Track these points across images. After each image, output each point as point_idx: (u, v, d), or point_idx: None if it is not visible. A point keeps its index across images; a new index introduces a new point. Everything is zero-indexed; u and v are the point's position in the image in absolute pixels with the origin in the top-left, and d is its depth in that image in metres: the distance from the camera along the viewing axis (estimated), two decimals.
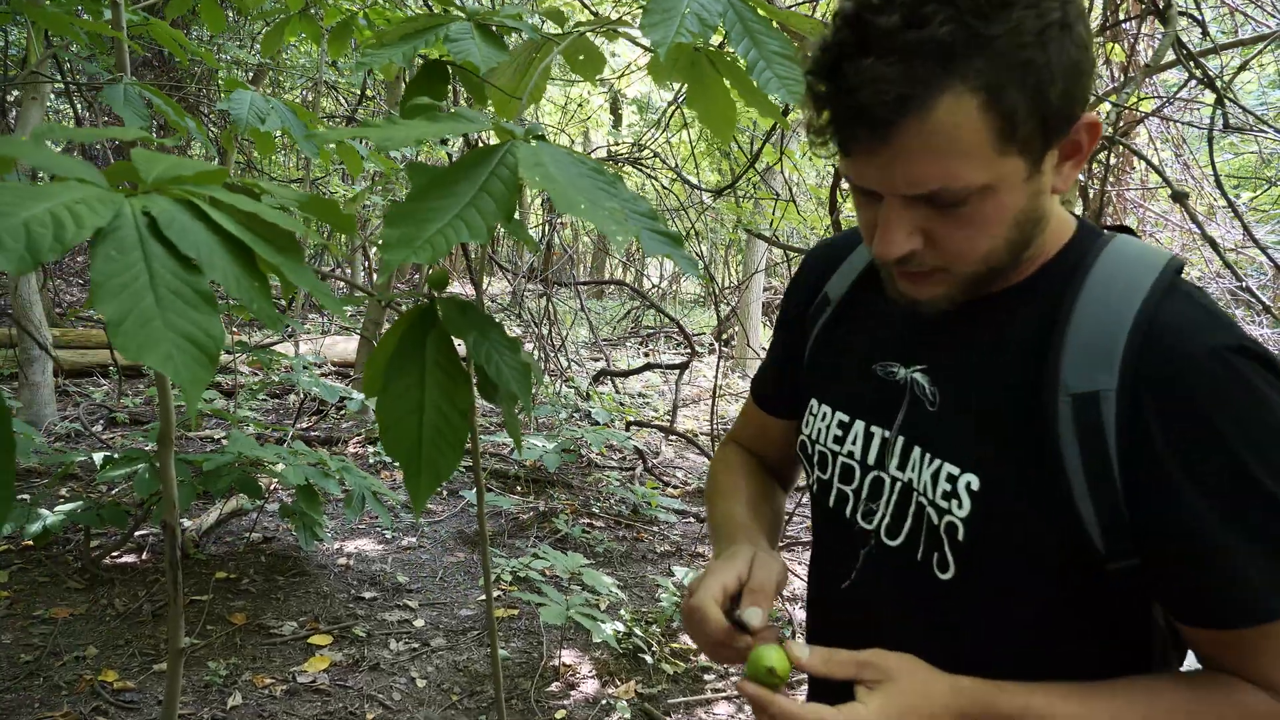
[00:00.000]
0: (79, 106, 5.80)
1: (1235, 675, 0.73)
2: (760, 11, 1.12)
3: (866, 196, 0.75)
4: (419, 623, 3.30)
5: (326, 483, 3.26)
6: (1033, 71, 0.65)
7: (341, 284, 8.95)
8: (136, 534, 3.59)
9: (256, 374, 6.18)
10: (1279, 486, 0.68)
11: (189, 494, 3.10)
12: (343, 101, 7.58)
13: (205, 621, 3.11)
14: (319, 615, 3.27)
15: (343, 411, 5.47)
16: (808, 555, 1.25)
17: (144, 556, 3.53)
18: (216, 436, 5.00)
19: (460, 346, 0.88)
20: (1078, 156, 0.73)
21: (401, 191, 6.05)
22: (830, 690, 0.79)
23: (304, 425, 5.15)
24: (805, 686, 1.01)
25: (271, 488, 3.79)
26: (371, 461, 4.99)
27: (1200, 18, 2.64)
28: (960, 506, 0.77)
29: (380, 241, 0.72)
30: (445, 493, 4.75)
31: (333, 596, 3.43)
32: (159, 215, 0.50)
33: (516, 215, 0.90)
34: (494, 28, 1.30)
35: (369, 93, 5.97)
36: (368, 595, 3.47)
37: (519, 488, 4.89)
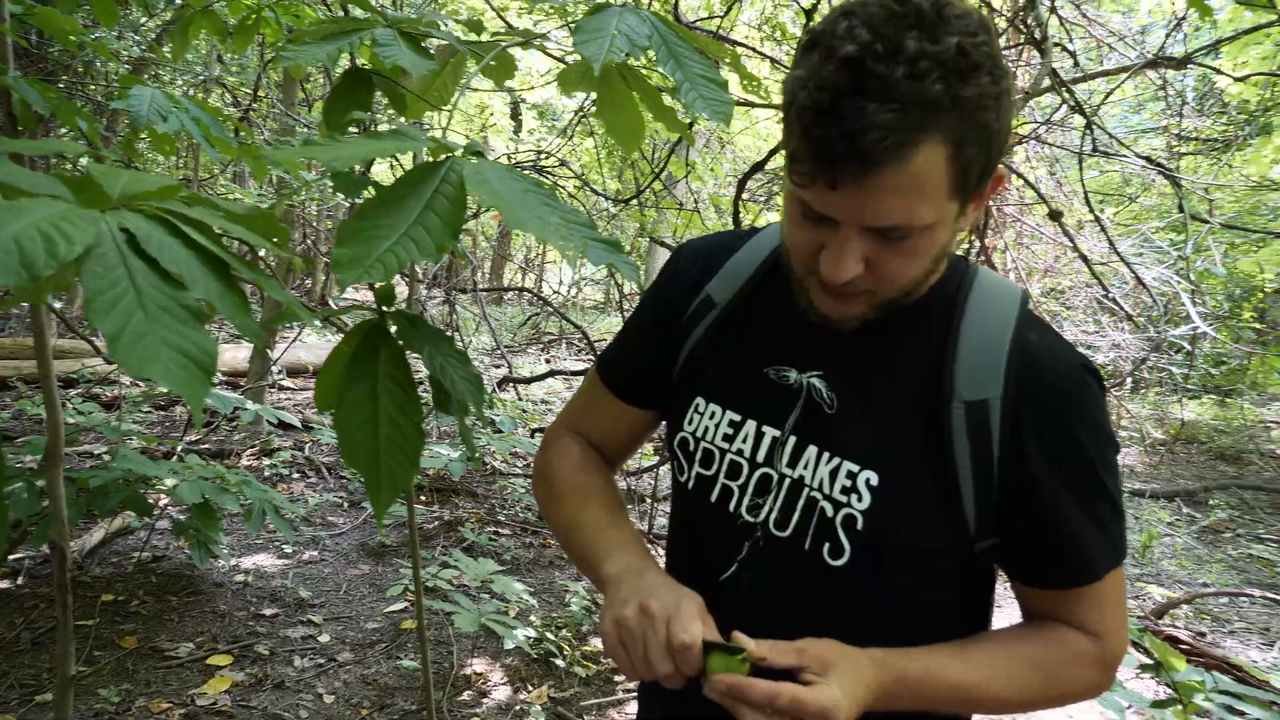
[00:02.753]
0: None
1: (1058, 623, 0.90)
2: (683, 35, 1.16)
3: (813, 220, 0.79)
4: (324, 638, 3.21)
5: (224, 499, 3.13)
6: (988, 132, 0.74)
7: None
8: (10, 558, 3.36)
9: (139, 384, 5.85)
10: (1113, 482, 0.87)
11: (74, 514, 2.93)
12: (229, 97, 7.27)
13: (93, 647, 2.94)
14: (217, 635, 3.14)
15: (235, 423, 5.25)
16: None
17: (19, 582, 3.31)
18: (96, 451, 4.72)
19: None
20: (980, 200, 0.83)
21: (306, 196, 5.87)
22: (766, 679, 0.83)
23: (194, 438, 4.92)
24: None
25: (161, 504, 3.61)
26: (268, 474, 4.81)
27: (1072, 49, 2.86)
28: (860, 500, 0.87)
29: (331, 261, 0.72)
30: (346, 504, 4.63)
31: (231, 615, 3.30)
32: (137, 231, 0.50)
33: None
34: (413, 34, 1.29)
35: (261, 91, 5.76)
36: (268, 612, 3.36)
37: (423, 496, 4.81)
